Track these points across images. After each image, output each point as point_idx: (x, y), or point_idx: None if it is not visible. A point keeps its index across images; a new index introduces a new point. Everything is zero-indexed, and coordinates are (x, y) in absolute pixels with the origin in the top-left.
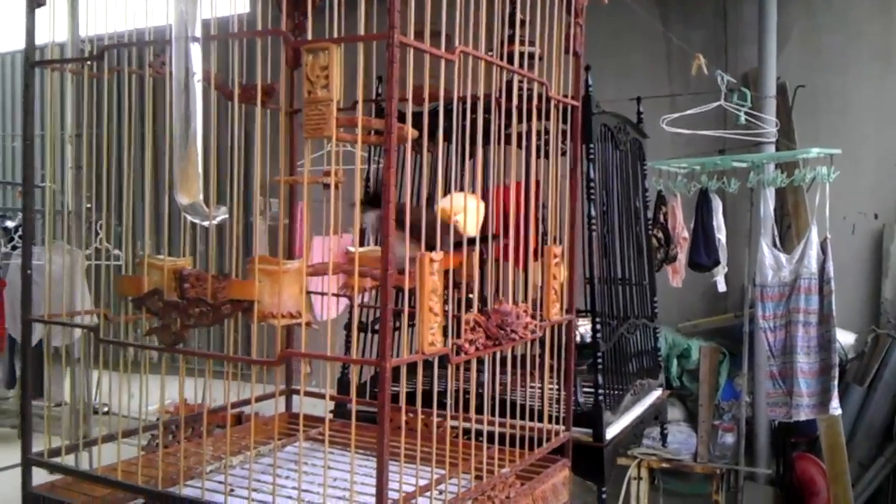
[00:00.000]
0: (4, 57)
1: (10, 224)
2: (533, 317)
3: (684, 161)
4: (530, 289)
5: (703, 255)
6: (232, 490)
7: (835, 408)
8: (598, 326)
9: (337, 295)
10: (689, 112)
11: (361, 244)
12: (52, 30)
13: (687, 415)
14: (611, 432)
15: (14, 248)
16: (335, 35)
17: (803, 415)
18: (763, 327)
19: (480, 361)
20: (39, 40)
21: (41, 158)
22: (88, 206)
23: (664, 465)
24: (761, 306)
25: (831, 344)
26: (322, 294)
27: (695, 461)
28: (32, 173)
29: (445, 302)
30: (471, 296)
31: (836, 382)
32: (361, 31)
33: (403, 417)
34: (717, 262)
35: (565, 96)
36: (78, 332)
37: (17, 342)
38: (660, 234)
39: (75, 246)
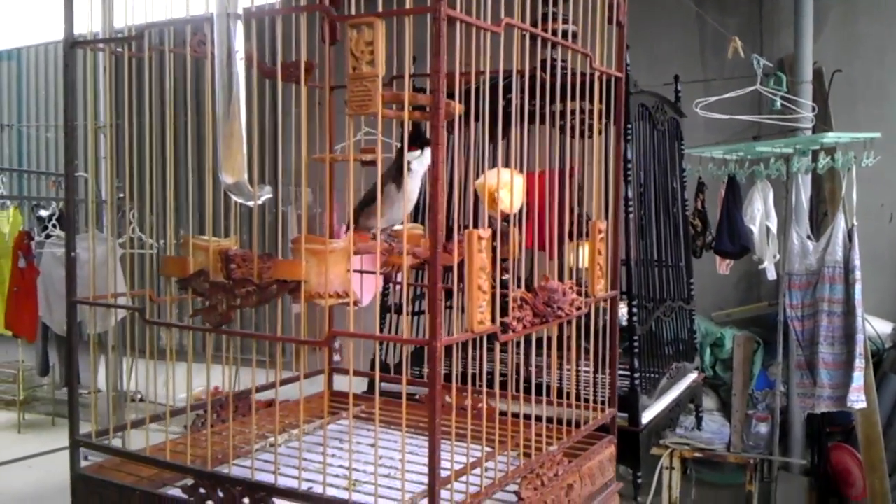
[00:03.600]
0: (38, 49)
1: (43, 213)
2: (579, 294)
3: (719, 148)
4: (566, 270)
5: (726, 243)
6: (279, 468)
7: (853, 401)
8: (635, 310)
9: (370, 273)
10: (724, 96)
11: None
12: (90, 15)
13: (720, 404)
14: (647, 416)
15: (48, 236)
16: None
17: (824, 406)
18: (791, 316)
19: (518, 344)
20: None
21: (84, 146)
22: (121, 195)
23: (697, 454)
24: (788, 295)
25: (856, 335)
26: (363, 272)
27: (728, 451)
28: (75, 155)
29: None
30: (506, 276)
31: (858, 374)
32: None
33: (454, 396)
34: (746, 250)
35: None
36: (113, 320)
37: (49, 330)
38: (697, 222)
39: (109, 234)
